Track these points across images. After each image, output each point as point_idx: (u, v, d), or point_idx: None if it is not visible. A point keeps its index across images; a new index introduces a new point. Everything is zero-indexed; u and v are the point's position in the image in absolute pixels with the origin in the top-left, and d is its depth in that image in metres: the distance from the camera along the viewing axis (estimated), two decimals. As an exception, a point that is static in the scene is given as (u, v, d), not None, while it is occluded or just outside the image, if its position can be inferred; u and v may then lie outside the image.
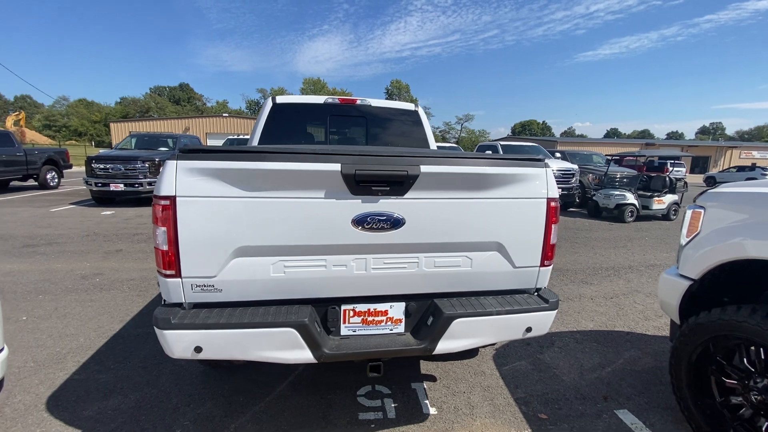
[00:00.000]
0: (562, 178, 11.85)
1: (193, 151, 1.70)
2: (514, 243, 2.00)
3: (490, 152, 3.56)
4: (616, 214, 10.52)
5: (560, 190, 11.53)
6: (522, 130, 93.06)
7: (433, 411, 2.56)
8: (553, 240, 2.06)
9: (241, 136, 16.54)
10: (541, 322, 2.03)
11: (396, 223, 1.83)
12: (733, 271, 2.21)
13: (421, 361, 3.14)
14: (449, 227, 1.91)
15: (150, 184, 10.17)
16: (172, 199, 1.67)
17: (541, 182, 1.98)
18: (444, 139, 70.46)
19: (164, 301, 1.84)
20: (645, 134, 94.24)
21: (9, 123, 24.39)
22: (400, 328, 2.02)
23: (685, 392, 2.37)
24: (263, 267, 1.79)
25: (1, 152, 11.72)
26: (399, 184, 1.80)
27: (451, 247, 1.95)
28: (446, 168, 1.82)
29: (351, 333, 1.97)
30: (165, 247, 1.71)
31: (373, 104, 3.86)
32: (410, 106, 4.01)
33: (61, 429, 2.32)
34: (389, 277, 1.92)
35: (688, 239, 2.50)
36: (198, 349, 1.73)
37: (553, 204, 2.01)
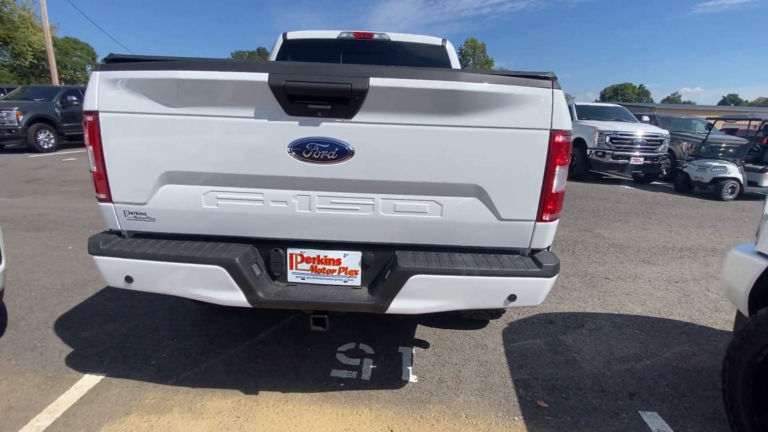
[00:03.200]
0: (647, 144, 10.15)
1: (116, 59, 1.51)
2: (500, 188, 1.56)
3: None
4: (712, 190, 8.79)
5: (643, 159, 9.98)
6: (614, 94, 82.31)
7: (413, 379, 2.29)
8: (557, 187, 1.57)
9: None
10: (529, 289, 1.60)
11: (342, 153, 1.50)
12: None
13: (418, 325, 2.85)
14: (411, 163, 1.53)
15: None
16: (95, 114, 1.52)
17: (543, 107, 1.49)
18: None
19: (109, 229, 1.76)
20: (774, 101, 77.78)
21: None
22: (356, 281, 1.73)
23: (740, 402, 1.80)
24: (194, 197, 1.60)
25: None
26: (343, 103, 1.45)
27: (415, 189, 1.57)
28: (405, 82, 1.42)
29: (299, 281, 1.74)
30: (94, 168, 1.59)
31: (392, 38, 3.40)
32: (436, 41, 3.47)
33: (57, 346, 2.47)
34: (339, 221, 1.63)
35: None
36: (128, 279, 1.63)
37: (559, 138, 1.51)
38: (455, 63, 3.48)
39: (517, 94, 1.46)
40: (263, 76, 1.41)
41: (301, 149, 1.50)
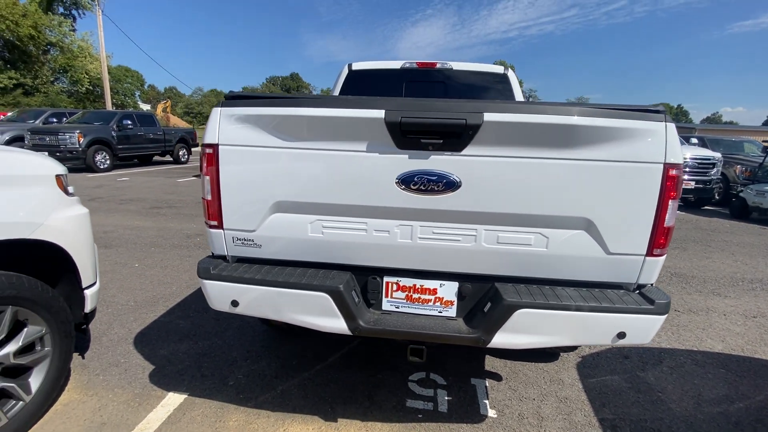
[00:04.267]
0: (698, 168, 9.74)
1: (236, 97, 1.61)
2: (610, 221, 1.53)
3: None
4: (773, 216, 8.28)
5: (694, 183, 9.56)
6: (647, 115, 79.92)
7: (492, 413, 2.22)
8: (668, 221, 1.53)
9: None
10: (641, 327, 1.53)
11: (449, 184, 1.53)
12: None
13: (486, 356, 2.78)
14: (518, 195, 1.53)
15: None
16: (215, 147, 1.61)
17: (657, 141, 1.46)
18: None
19: (212, 253, 1.84)
20: (827, 121, 73.12)
21: (159, 110, 29.44)
22: (451, 312, 1.72)
23: None
24: (301, 225, 1.66)
25: (147, 131, 14.07)
26: (455, 137, 1.48)
27: (520, 221, 1.57)
28: (518, 117, 1.44)
29: (393, 309, 1.75)
30: (209, 197, 1.68)
31: (455, 68, 3.48)
32: (498, 69, 3.52)
33: (139, 362, 2.57)
34: (439, 251, 1.63)
35: None
36: (234, 303, 1.68)
37: (673, 172, 1.48)
38: (517, 90, 3.50)
39: (630, 128, 1.45)
40: (380, 113, 1.47)
41: (409, 181, 1.53)
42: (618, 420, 2.21)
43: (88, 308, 2.30)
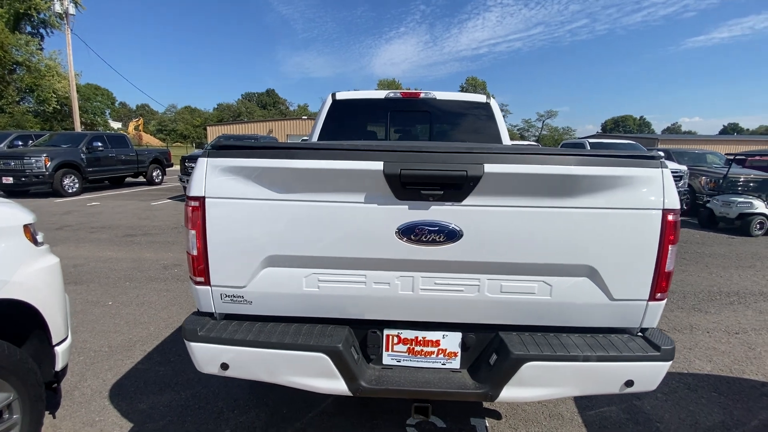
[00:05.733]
0: (666, 181, 10.13)
1: (224, 147, 1.53)
2: (613, 268, 1.51)
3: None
4: (739, 226, 8.67)
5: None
6: (614, 126, 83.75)
7: (495, 458, 2.15)
8: (669, 266, 1.53)
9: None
10: (648, 375, 1.51)
11: (451, 235, 1.48)
12: None
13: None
14: (521, 244, 1.50)
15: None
16: (201, 200, 1.52)
17: (655, 187, 1.47)
18: (522, 137, 66.18)
19: (198, 309, 1.72)
20: (776, 130, 78.47)
21: (131, 128, 28.70)
22: (455, 364, 1.65)
23: None
24: (295, 280, 1.57)
25: (119, 152, 13.59)
26: (456, 188, 1.44)
27: (524, 269, 1.53)
28: (518, 168, 1.42)
29: (394, 363, 1.67)
30: (194, 252, 1.57)
31: (438, 97, 3.50)
32: (481, 98, 3.57)
33: (116, 420, 2.37)
34: (442, 302, 1.58)
35: None
36: (224, 366, 1.56)
37: (671, 217, 1.48)
38: (499, 118, 3.55)
39: (629, 175, 1.45)
40: (378, 165, 1.42)
41: (410, 232, 1.48)
42: (621, 457, 2.17)
43: (59, 366, 2.11)
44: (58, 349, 2.09)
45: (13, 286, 1.82)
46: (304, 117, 42.96)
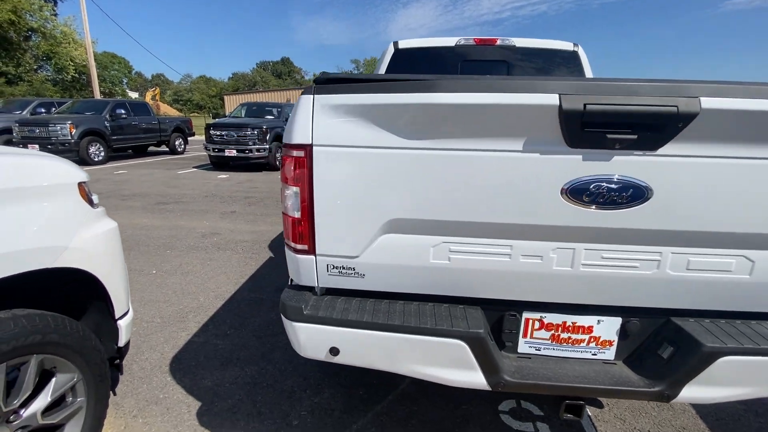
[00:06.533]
0: None
1: (336, 80, 1.19)
2: None
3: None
4: None
5: None
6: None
7: (609, 453, 1.89)
8: None
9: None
10: None
11: (637, 195, 1.14)
12: None
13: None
14: (724, 207, 1.15)
15: (258, 150, 10.66)
16: (307, 149, 1.20)
17: None
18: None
19: (291, 281, 1.44)
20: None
21: (148, 97, 28.43)
22: (608, 354, 1.35)
23: None
24: (421, 250, 1.27)
25: (141, 121, 13.38)
26: (655, 131, 1.08)
27: (722, 241, 1.19)
28: (752, 104, 1.04)
29: (533, 352, 1.38)
30: (296, 214, 1.27)
31: (518, 44, 3.04)
32: (567, 46, 3.09)
33: (182, 398, 2.19)
34: (607, 280, 1.25)
35: None
36: (334, 351, 1.30)
37: None
38: (588, 70, 3.08)
39: None
40: (552, 99, 1.06)
41: (581, 191, 1.14)
42: (757, 457, 1.89)
43: (122, 341, 1.90)
44: (122, 323, 1.87)
45: (72, 253, 1.58)
46: (320, 86, 41.73)
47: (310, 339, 1.30)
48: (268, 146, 10.77)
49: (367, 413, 2.12)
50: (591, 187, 1.13)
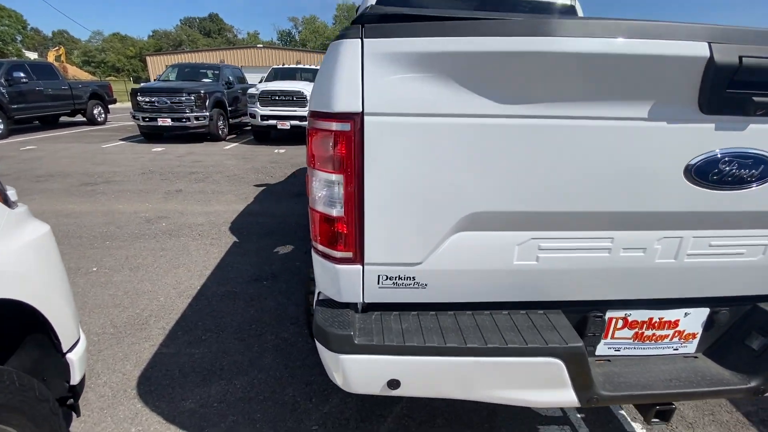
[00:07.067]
0: None
1: (389, 17, 0.82)
2: None
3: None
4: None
5: None
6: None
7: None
8: None
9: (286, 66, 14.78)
10: None
11: (766, 172, 0.93)
12: None
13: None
14: None
15: (197, 119, 9.51)
16: (356, 119, 0.84)
17: None
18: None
19: (318, 294, 1.11)
20: None
21: (51, 58, 24.25)
22: (690, 347, 1.21)
23: None
24: (503, 249, 0.99)
25: (47, 86, 11.30)
26: None
27: None
28: None
29: (612, 353, 1.20)
30: (335, 211, 0.92)
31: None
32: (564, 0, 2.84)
33: (161, 429, 1.80)
34: (709, 270, 1.08)
35: None
36: (393, 385, 1.01)
37: None
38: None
39: None
40: (700, 49, 0.79)
41: (709, 169, 0.92)
42: None
43: (75, 379, 1.46)
44: (72, 357, 1.44)
45: (-11, 277, 1.10)
46: (259, 45, 38.34)
47: (364, 373, 1.00)
48: (208, 113, 9.65)
49: (386, 418, 1.90)
50: (721, 164, 0.92)
